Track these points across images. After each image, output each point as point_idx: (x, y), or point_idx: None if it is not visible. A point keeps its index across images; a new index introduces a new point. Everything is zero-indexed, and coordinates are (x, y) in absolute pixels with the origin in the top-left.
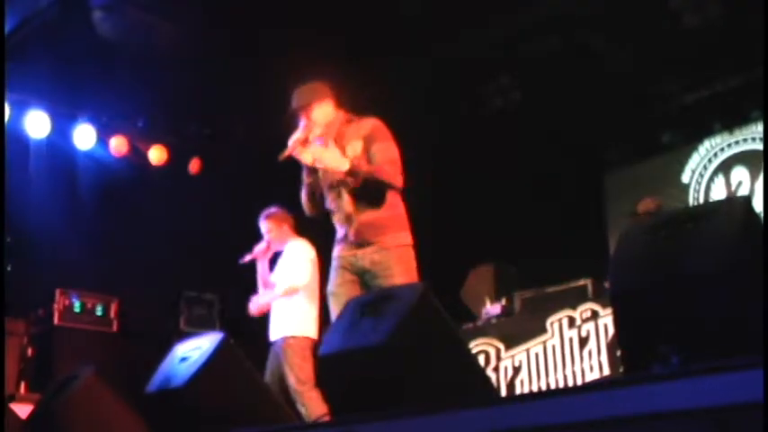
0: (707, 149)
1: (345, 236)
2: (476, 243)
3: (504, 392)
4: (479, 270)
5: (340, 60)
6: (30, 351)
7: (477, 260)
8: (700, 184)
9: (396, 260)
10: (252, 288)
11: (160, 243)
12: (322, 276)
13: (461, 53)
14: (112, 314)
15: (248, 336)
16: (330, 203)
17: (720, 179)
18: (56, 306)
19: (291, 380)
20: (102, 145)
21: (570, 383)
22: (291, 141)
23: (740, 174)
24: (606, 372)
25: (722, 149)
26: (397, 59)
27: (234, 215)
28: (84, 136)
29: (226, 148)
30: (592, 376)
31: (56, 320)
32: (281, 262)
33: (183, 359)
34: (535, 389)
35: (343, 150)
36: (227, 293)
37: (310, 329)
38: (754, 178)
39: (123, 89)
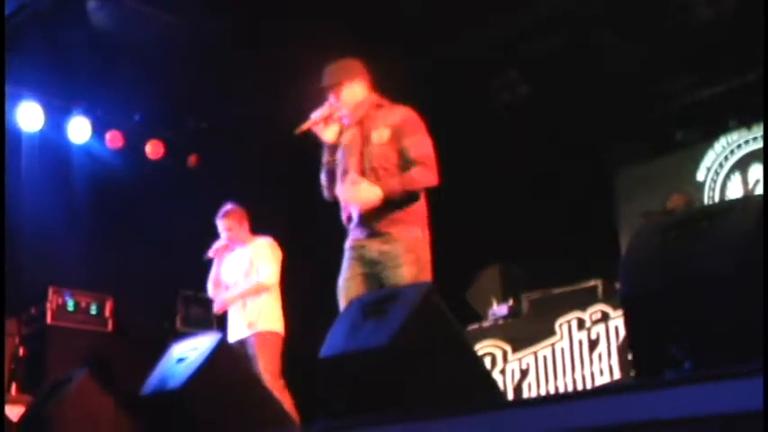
0: (723, 146)
1: (358, 223)
2: (483, 243)
3: (510, 396)
4: (486, 270)
5: (341, 54)
6: (21, 351)
7: (484, 260)
8: (715, 182)
9: (405, 249)
10: None
11: (156, 240)
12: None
13: (467, 51)
14: (107, 313)
15: None
16: None
17: (737, 177)
18: (49, 305)
19: (266, 375)
20: (97, 139)
21: (579, 387)
22: (313, 116)
23: (758, 172)
24: (617, 376)
25: (739, 146)
26: (400, 58)
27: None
28: (78, 129)
29: (224, 142)
30: (602, 380)
31: (48, 319)
32: (238, 260)
33: (180, 360)
34: (543, 393)
35: (368, 135)
36: None
37: (281, 326)
38: None
39: (119, 82)
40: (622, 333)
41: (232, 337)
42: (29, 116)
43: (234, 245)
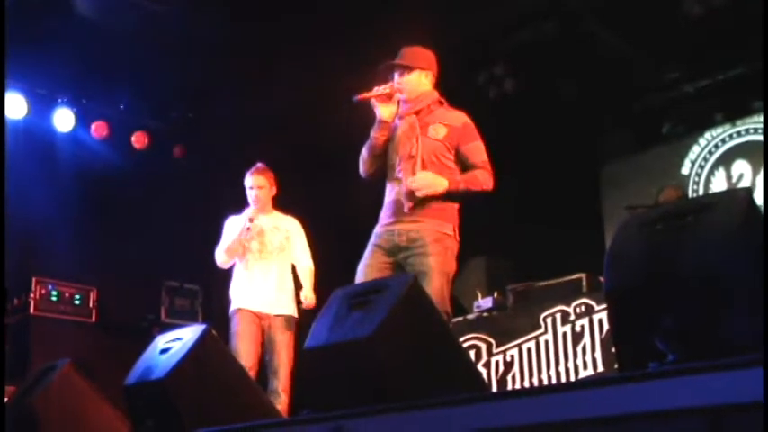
0: (707, 141)
1: (396, 206)
2: (468, 235)
3: (495, 389)
4: (471, 263)
5: (326, 47)
6: (4, 341)
7: (469, 253)
8: (700, 176)
9: (434, 239)
10: None
11: (141, 231)
12: None
13: (452, 45)
14: (91, 304)
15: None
16: (399, 172)
17: (721, 172)
18: (32, 295)
19: (284, 358)
20: (82, 129)
21: (563, 380)
22: (376, 89)
23: (741, 167)
24: (600, 369)
25: (723, 141)
26: (386, 53)
27: (218, 203)
28: (63, 119)
29: (209, 133)
30: (586, 373)
31: (32, 310)
32: (271, 230)
33: (164, 350)
34: (527, 385)
35: (425, 126)
36: (211, 284)
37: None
38: (755, 171)
39: (104, 71)
40: (606, 326)
41: (256, 306)
42: (12, 105)
43: (260, 206)
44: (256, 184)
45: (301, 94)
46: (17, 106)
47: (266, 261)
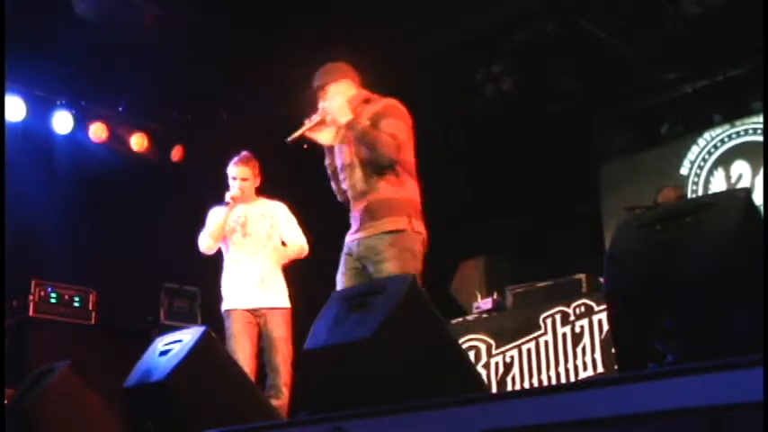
0: (707, 141)
1: (352, 218)
2: (467, 236)
3: (494, 390)
4: (470, 263)
5: (327, 48)
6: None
7: (468, 253)
8: (699, 176)
9: (388, 244)
10: None
11: (140, 233)
12: None
13: (452, 40)
14: (90, 306)
15: None
16: (343, 181)
17: (720, 172)
18: (31, 297)
19: (284, 353)
20: (80, 130)
21: (563, 381)
22: (306, 123)
23: (740, 167)
24: (600, 369)
25: (722, 141)
26: (384, 53)
27: (217, 204)
28: (62, 121)
29: (209, 134)
30: (586, 374)
31: (31, 312)
32: (256, 218)
33: (164, 353)
34: (527, 386)
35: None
36: (210, 286)
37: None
38: (754, 172)
39: (104, 73)
40: (606, 327)
41: (248, 303)
42: (11, 107)
43: (245, 197)
44: (240, 175)
45: (301, 95)
46: (16, 109)
47: (254, 254)
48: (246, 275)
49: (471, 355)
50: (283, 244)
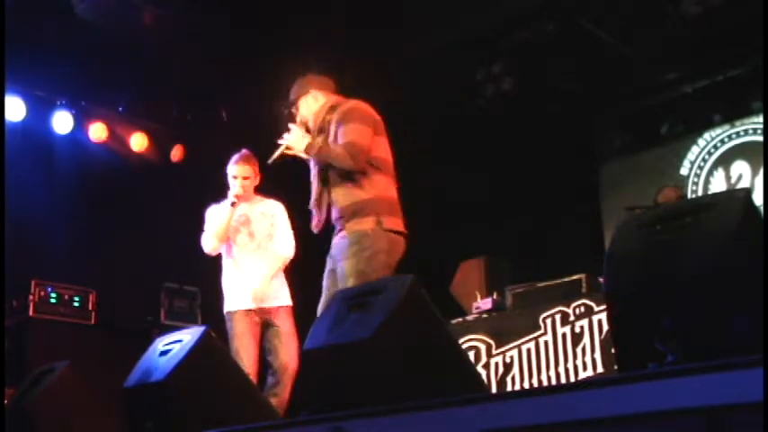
0: (706, 141)
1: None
2: (466, 236)
3: (494, 390)
4: (470, 263)
5: (327, 50)
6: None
7: (468, 253)
8: (699, 176)
9: (350, 242)
10: None
11: (140, 232)
12: None
13: (452, 40)
14: (90, 306)
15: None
16: (315, 190)
17: (720, 172)
18: (31, 297)
19: (293, 349)
20: (80, 130)
21: (563, 381)
22: (281, 141)
23: (740, 167)
24: (600, 370)
25: (722, 141)
26: (383, 54)
27: (214, 203)
28: (62, 121)
29: (209, 134)
30: (585, 374)
31: (31, 312)
32: (258, 218)
33: (164, 353)
34: (527, 386)
35: (327, 138)
36: (210, 286)
37: None
38: (754, 172)
39: (103, 73)
40: (606, 327)
41: (253, 303)
42: (11, 107)
43: (246, 196)
44: (242, 174)
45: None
46: (16, 109)
47: (256, 253)
48: (251, 275)
49: (471, 355)
50: None
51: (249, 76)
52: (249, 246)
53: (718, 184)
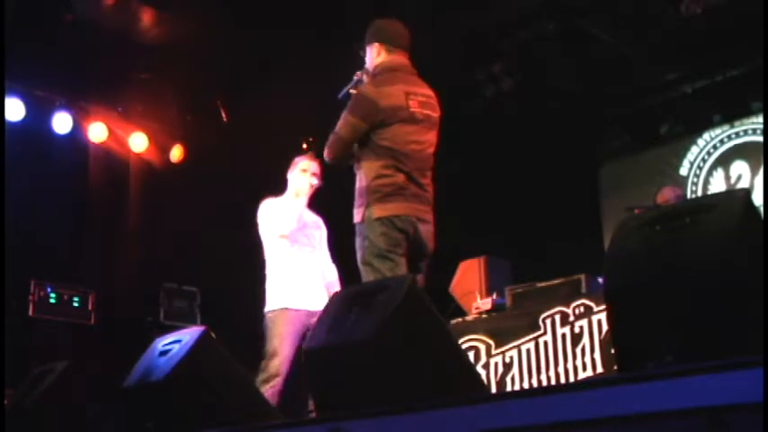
0: (706, 141)
1: None
2: (466, 236)
3: (494, 390)
4: (469, 263)
5: (326, 43)
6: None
7: (468, 253)
8: (698, 176)
9: (356, 236)
10: (235, 282)
11: (140, 233)
12: None
13: (452, 40)
14: (90, 306)
15: (230, 329)
16: None
17: (720, 173)
18: (31, 297)
19: None
20: (80, 130)
21: (563, 381)
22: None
23: (740, 167)
24: (600, 370)
25: (722, 141)
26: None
27: (216, 205)
28: (61, 121)
29: (209, 134)
30: (585, 374)
31: (31, 312)
32: (310, 223)
33: (163, 353)
34: (526, 387)
35: None
36: (209, 286)
37: None
38: (754, 172)
39: (103, 73)
40: (606, 327)
41: (310, 304)
42: (10, 107)
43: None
44: (312, 169)
45: (302, 97)
46: (15, 109)
47: (312, 255)
48: (309, 279)
49: (471, 355)
50: None
51: (249, 76)
52: (307, 247)
53: (717, 185)
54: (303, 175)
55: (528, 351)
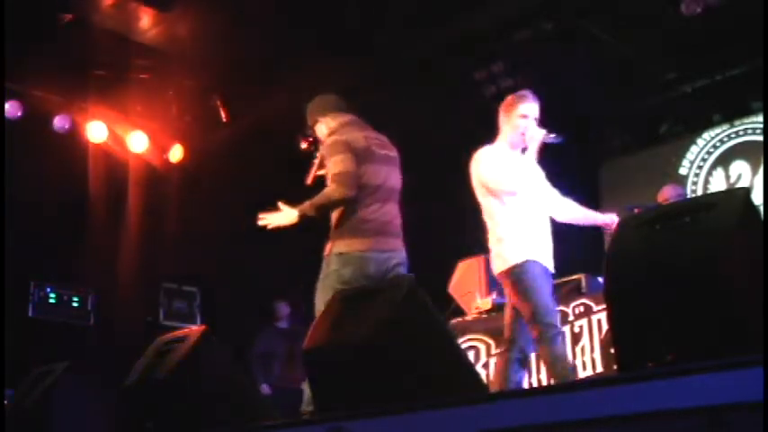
0: (706, 141)
1: None
2: (466, 236)
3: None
4: (468, 263)
5: (326, 44)
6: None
7: (468, 253)
8: (698, 176)
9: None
10: (234, 281)
11: (139, 233)
12: None
13: (452, 40)
14: (89, 306)
15: (230, 330)
16: None
17: (720, 172)
18: (30, 298)
19: None
20: (80, 131)
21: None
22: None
23: (740, 167)
24: (600, 369)
25: (722, 141)
26: (382, 54)
27: (216, 205)
28: (62, 121)
29: (209, 134)
30: (585, 374)
31: (30, 312)
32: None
33: (164, 353)
34: (526, 386)
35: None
36: (209, 286)
37: None
38: (754, 172)
39: (103, 73)
40: (605, 327)
41: (548, 262)
42: (11, 107)
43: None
44: (533, 114)
45: (301, 98)
46: (15, 108)
47: (540, 210)
48: (545, 236)
49: (471, 355)
50: None
51: (249, 76)
52: (535, 201)
53: (717, 184)
54: (523, 121)
55: None
